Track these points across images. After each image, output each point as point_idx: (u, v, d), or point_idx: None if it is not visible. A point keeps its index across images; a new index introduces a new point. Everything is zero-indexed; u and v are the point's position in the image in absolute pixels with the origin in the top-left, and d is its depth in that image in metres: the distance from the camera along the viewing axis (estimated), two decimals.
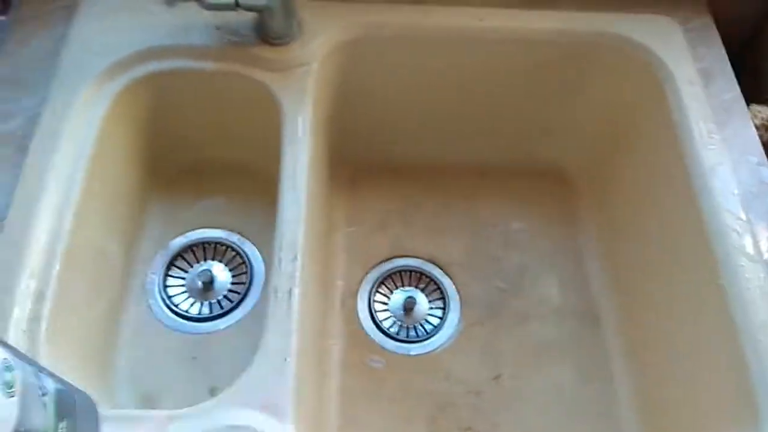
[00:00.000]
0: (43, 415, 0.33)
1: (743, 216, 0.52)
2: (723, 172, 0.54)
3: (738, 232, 0.51)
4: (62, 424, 0.35)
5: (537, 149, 0.74)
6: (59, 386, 0.36)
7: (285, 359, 0.44)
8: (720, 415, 0.50)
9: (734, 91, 0.62)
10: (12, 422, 0.30)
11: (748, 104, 0.62)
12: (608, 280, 0.68)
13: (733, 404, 0.49)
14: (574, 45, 0.63)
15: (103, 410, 0.41)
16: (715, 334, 0.51)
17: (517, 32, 0.62)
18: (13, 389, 0.30)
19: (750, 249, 0.51)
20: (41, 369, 0.35)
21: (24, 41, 0.59)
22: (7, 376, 0.30)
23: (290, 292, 0.47)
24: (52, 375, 0.36)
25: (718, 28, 0.66)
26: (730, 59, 0.64)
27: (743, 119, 0.60)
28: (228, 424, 0.41)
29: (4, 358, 0.30)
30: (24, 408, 0.31)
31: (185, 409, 0.42)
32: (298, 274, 0.48)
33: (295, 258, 0.48)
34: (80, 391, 0.39)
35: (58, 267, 0.47)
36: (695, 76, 0.60)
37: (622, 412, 0.62)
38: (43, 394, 0.33)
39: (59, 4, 0.61)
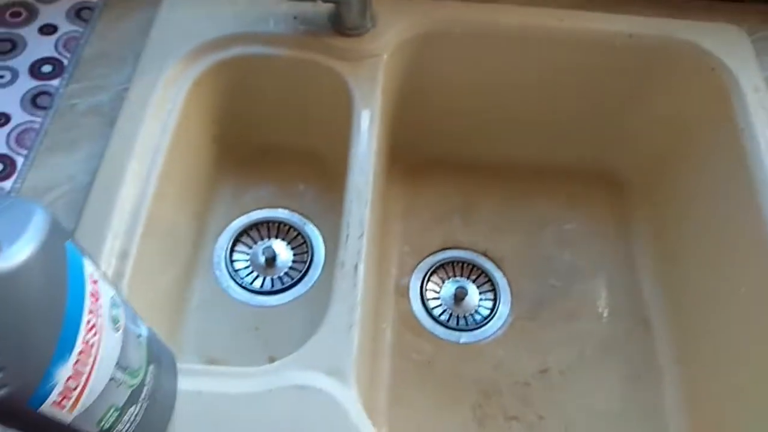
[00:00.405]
0: (138, 355, 0.36)
1: None
2: None
3: None
4: (151, 367, 0.38)
5: (596, 152, 0.75)
6: (150, 332, 0.39)
7: (350, 328, 0.46)
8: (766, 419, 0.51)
9: None
10: (117, 353, 0.32)
11: None
12: (660, 284, 0.68)
13: None
14: (643, 49, 0.64)
15: (183, 365, 0.44)
16: None
17: (592, 33, 0.63)
18: (119, 324, 0.33)
19: None
20: (136, 314, 0.37)
21: (114, 22, 0.63)
22: (114, 311, 0.33)
23: (356, 267, 0.49)
24: (143, 321, 0.38)
25: None
26: None
27: None
28: (295, 384, 0.43)
29: (112, 296, 0.33)
30: (125, 343, 0.34)
31: (255, 368, 0.45)
32: (363, 250, 0.50)
33: (362, 235, 0.51)
34: (163, 342, 0.42)
35: (140, 230, 0.51)
36: (761, 83, 0.61)
37: (670, 416, 0.62)
38: (138, 336, 0.36)
39: None
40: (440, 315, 0.67)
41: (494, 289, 0.69)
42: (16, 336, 0.26)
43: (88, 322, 0.30)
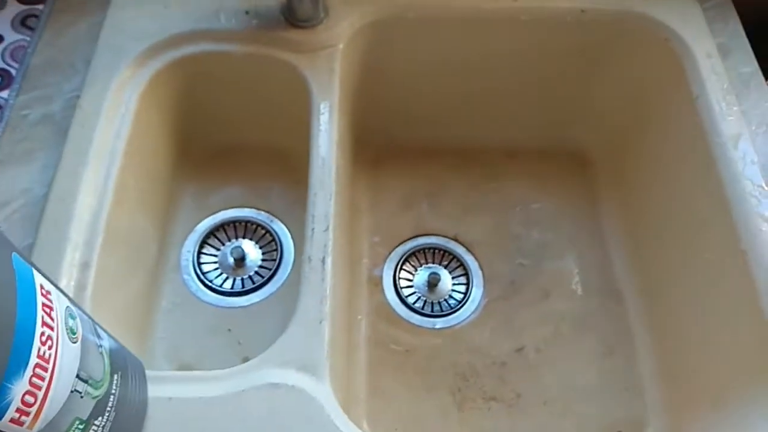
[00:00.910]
0: (101, 365, 0.35)
1: (763, 183, 0.53)
2: (742, 142, 0.55)
3: (757, 199, 0.52)
4: (116, 377, 0.37)
5: (561, 130, 0.76)
6: (112, 342, 0.38)
7: (320, 322, 0.46)
8: (743, 381, 0.51)
9: (752, 65, 0.62)
10: (77, 365, 0.32)
11: (766, 78, 0.63)
12: (630, 255, 0.69)
13: (756, 369, 0.50)
14: (597, 24, 0.64)
15: (153, 371, 0.43)
16: (737, 299, 0.52)
17: (545, 11, 0.63)
18: (76, 335, 0.32)
19: None
20: (96, 324, 0.37)
21: (61, 29, 0.61)
22: (71, 322, 0.32)
23: (323, 260, 0.49)
24: (105, 331, 0.38)
25: (737, 5, 0.67)
26: (749, 36, 0.65)
27: (761, 92, 0.61)
28: (268, 382, 0.43)
29: (67, 306, 0.32)
30: (85, 354, 0.33)
31: (226, 370, 0.44)
32: (330, 243, 0.50)
33: (327, 229, 0.50)
34: (129, 351, 0.41)
35: (100, 240, 0.50)
36: (713, 50, 0.61)
37: (645, 384, 0.63)
38: (99, 346, 0.35)
39: None
40: (414, 302, 0.67)
41: (467, 273, 0.69)
42: None
43: (42, 334, 0.29)
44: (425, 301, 0.67)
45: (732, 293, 0.53)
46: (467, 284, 0.69)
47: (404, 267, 0.69)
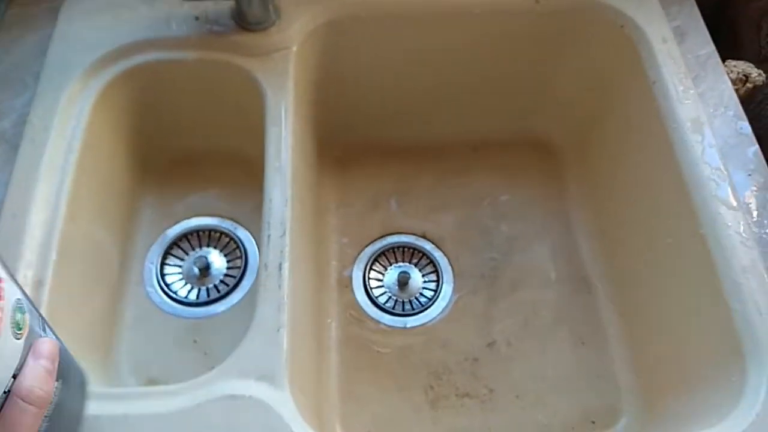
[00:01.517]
0: None
1: (721, 166, 0.53)
2: (699, 125, 0.55)
3: (716, 182, 0.52)
4: (57, 384, 0.35)
5: (525, 120, 0.75)
6: (61, 346, 0.36)
7: (278, 330, 0.45)
8: (709, 362, 0.51)
9: (709, 47, 0.62)
10: (15, 364, 0.30)
11: (724, 60, 0.63)
12: (597, 244, 0.69)
13: (720, 350, 0.50)
14: (551, 13, 0.63)
15: (108, 389, 0.42)
16: (699, 283, 0.52)
17: (498, 3, 0.63)
18: (21, 331, 0.30)
19: (728, 197, 0.52)
20: (47, 323, 0.35)
21: (10, 45, 0.60)
22: (18, 316, 0.30)
23: (280, 266, 0.48)
24: (55, 334, 0.36)
25: None
26: (707, 18, 0.65)
27: (718, 74, 0.61)
28: (227, 394, 0.42)
29: (18, 299, 0.30)
30: (27, 353, 0.31)
31: (185, 383, 0.43)
32: (287, 249, 0.49)
33: (284, 234, 0.50)
34: (73, 359, 0.39)
35: (54, 257, 0.49)
36: (669, 34, 0.61)
37: (617, 372, 0.62)
38: None
39: (44, 6, 0.63)
40: (385, 302, 0.67)
41: (436, 270, 0.69)
42: None
43: None
44: (396, 301, 0.67)
45: (694, 278, 0.53)
46: (437, 281, 0.68)
47: (374, 267, 0.69)
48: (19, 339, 0.30)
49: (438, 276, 0.68)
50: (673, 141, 0.55)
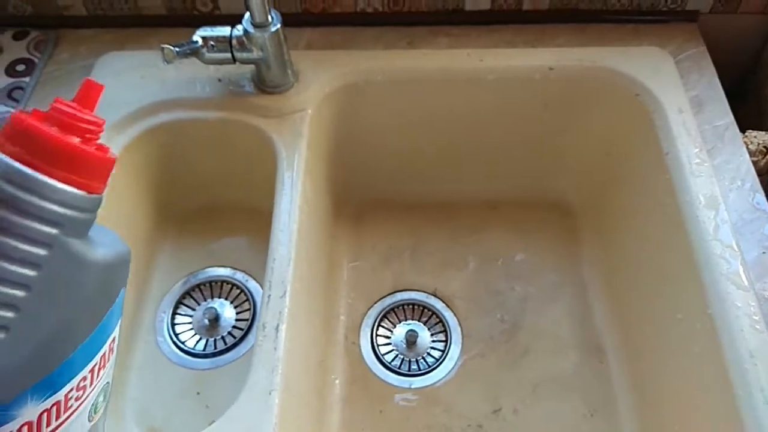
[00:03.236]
0: None
1: (733, 244, 0.52)
2: (713, 200, 0.54)
3: (727, 260, 0.51)
4: None
5: (541, 181, 0.75)
6: None
7: (270, 393, 0.46)
8: None
9: (727, 117, 0.61)
10: None
11: (744, 131, 0.62)
12: (611, 311, 0.67)
13: None
14: (565, 80, 0.64)
15: None
16: (707, 365, 0.50)
17: (512, 70, 0.64)
18: (95, 415, 0.31)
19: (739, 277, 0.50)
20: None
21: (46, 101, 0.64)
22: (100, 400, 0.30)
23: (277, 327, 0.49)
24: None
25: (715, 56, 0.66)
26: (731, 87, 0.64)
27: (736, 146, 0.59)
28: None
29: (107, 383, 0.30)
30: None
31: None
32: (286, 310, 0.50)
33: (284, 295, 0.51)
34: None
35: None
36: (686, 104, 0.61)
37: None
38: None
39: (80, 64, 0.67)
40: (392, 361, 0.66)
41: (445, 330, 0.68)
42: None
43: (83, 379, 0.28)
44: (403, 359, 0.67)
45: (702, 359, 0.51)
46: (446, 341, 0.68)
47: (382, 324, 0.69)
48: (90, 422, 0.30)
49: (447, 336, 0.68)
50: (684, 215, 0.54)
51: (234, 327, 0.64)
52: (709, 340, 0.49)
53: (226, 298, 0.66)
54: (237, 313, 0.65)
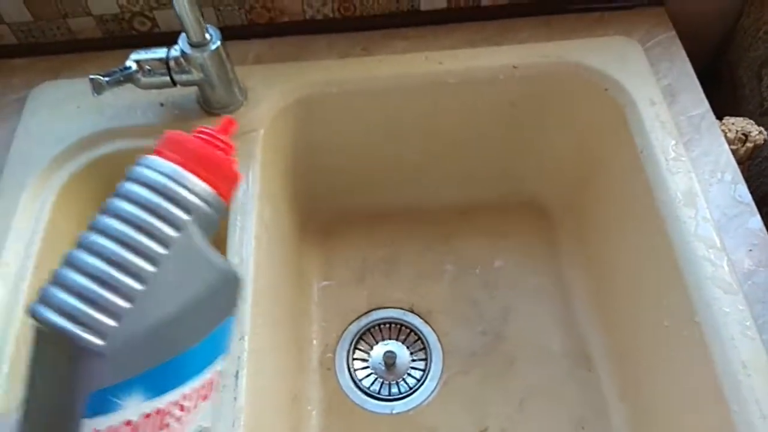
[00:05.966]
0: None
1: (717, 243, 0.49)
2: (692, 197, 0.51)
3: (711, 262, 0.48)
4: None
5: (515, 183, 0.72)
6: None
7: None
8: None
9: (702, 106, 0.58)
10: None
11: (721, 118, 0.59)
12: (597, 316, 0.64)
13: None
14: (531, 78, 0.61)
15: None
16: (698, 376, 0.47)
17: (474, 71, 0.60)
18: None
19: (726, 280, 0.47)
20: None
21: None
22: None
23: (236, 375, 0.45)
24: None
25: (685, 40, 0.63)
26: (702, 70, 0.61)
27: (714, 136, 0.56)
28: None
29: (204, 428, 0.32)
30: None
31: None
32: (245, 355, 0.46)
33: (242, 338, 0.47)
34: None
35: (6, 369, 0.47)
36: (658, 95, 0.57)
37: None
38: None
39: (12, 98, 0.62)
40: (370, 386, 0.63)
41: (425, 348, 0.65)
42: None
43: (184, 397, 0.29)
44: (382, 383, 0.63)
45: (692, 370, 0.48)
46: (426, 359, 0.64)
47: (359, 346, 0.66)
48: None
49: (426, 354, 0.65)
50: (663, 215, 0.51)
51: None
52: (698, 350, 0.46)
53: None
54: None
